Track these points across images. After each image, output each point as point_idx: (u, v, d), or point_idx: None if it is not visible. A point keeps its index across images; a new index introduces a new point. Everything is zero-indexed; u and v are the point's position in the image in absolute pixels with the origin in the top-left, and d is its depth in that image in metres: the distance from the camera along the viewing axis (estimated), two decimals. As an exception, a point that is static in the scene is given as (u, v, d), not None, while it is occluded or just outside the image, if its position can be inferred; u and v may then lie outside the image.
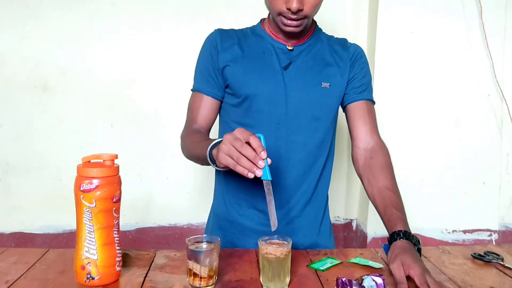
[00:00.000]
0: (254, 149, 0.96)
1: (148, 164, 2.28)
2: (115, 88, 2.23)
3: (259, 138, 0.99)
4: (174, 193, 2.29)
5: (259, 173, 0.96)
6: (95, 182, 0.97)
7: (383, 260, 1.19)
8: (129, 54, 2.23)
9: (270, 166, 0.99)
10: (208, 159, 1.10)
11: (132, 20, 2.22)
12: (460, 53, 2.22)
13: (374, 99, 1.36)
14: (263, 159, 0.96)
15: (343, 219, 2.41)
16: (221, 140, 1.08)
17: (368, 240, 2.24)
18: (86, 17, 2.19)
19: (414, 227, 1.18)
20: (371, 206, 2.23)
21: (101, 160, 1.02)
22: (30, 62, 2.19)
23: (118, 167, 1.02)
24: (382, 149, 1.30)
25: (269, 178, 0.99)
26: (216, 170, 1.38)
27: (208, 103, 1.29)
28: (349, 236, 2.42)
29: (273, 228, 1.01)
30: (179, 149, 1.32)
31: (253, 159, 0.96)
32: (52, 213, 2.19)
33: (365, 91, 1.32)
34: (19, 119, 2.21)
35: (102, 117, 2.23)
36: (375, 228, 2.21)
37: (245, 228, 1.32)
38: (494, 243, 2.23)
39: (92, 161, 1.02)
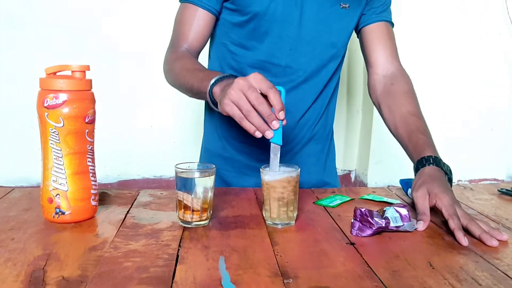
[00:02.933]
0: (271, 104, 0.79)
1: (129, 110, 2.08)
2: (88, 22, 2.00)
3: (279, 92, 0.81)
4: (159, 142, 2.11)
5: (269, 134, 0.79)
6: (62, 96, 0.80)
7: (399, 197, 1.04)
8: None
9: None
10: (208, 98, 0.91)
11: None
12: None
13: None
14: (279, 120, 0.79)
15: (341, 170, 2.27)
16: (226, 76, 0.90)
17: (368, 191, 2.11)
18: None
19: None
20: (371, 156, 2.09)
21: (70, 72, 0.84)
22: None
23: (90, 81, 0.84)
24: (404, 75, 1.14)
25: (279, 142, 0.82)
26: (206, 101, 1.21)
27: (202, 18, 1.09)
28: (348, 188, 2.29)
29: None
30: (164, 93, 1.12)
31: (267, 118, 0.78)
32: (25, 165, 1.99)
33: (385, 12, 1.15)
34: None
35: (76, 56, 2.00)
36: (376, 178, 2.08)
37: (242, 166, 1.16)
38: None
39: (59, 73, 0.84)
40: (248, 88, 0.79)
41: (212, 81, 0.91)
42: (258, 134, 0.80)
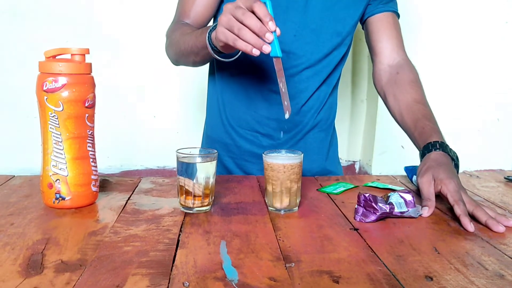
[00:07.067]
0: (259, 19, 0.77)
1: (132, 100, 2.06)
2: (91, 10, 1.98)
3: (264, 4, 0.79)
4: (162, 132, 2.08)
5: (266, 49, 0.77)
6: (62, 79, 0.78)
7: (404, 185, 1.03)
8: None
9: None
10: (208, 45, 0.90)
11: None
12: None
13: None
14: (271, 31, 0.77)
15: (346, 160, 2.25)
16: None
17: (372, 182, 2.09)
18: None
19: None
20: (376, 146, 2.07)
21: (69, 56, 0.83)
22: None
23: (90, 65, 0.83)
24: (409, 65, 1.13)
25: (279, 54, 0.80)
26: (210, 87, 1.20)
27: None
28: (351, 176, 2.27)
29: (287, 116, 0.82)
30: (168, 83, 1.11)
31: (259, 31, 0.76)
32: (28, 155, 1.98)
33: (391, 2, 1.14)
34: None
35: (78, 45, 1.98)
36: (381, 169, 2.06)
37: (245, 152, 1.15)
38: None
39: (58, 57, 0.83)
40: (235, 8, 0.78)
41: (210, 28, 0.90)
42: (256, 52, 0.78)
